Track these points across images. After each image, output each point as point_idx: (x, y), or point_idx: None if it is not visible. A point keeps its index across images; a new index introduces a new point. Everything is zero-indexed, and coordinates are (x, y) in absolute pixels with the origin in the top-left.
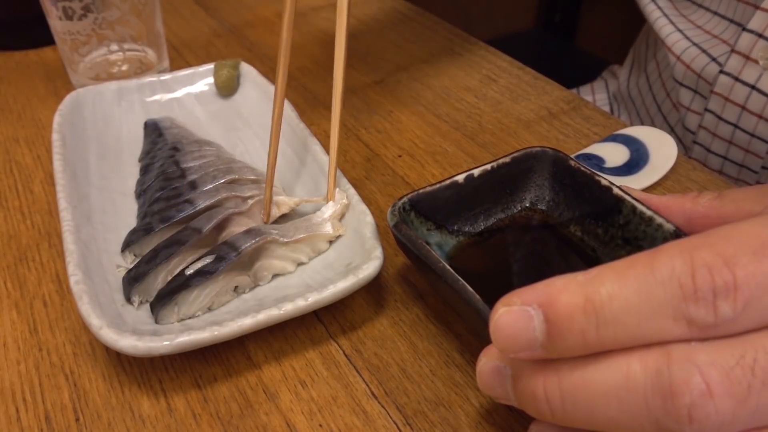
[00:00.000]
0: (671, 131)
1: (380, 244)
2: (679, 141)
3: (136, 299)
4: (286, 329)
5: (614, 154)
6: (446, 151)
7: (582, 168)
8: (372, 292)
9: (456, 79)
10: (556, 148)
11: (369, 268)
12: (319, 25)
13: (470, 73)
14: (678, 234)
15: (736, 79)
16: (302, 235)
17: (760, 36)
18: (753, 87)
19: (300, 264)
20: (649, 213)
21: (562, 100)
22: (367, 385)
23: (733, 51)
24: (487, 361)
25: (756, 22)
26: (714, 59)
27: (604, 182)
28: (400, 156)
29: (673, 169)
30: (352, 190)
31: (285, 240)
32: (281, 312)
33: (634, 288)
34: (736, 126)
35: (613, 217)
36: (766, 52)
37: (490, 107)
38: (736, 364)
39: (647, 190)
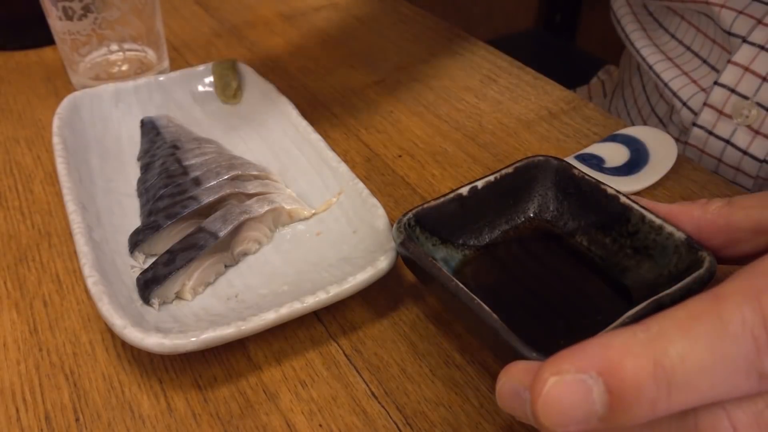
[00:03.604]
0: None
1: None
2: (676, 140)
3: (155, 302)
4: (286, 329)
5: (614, 154)
6: (446, 151)
7: (586, 177)
8: (372, 292)
9: (456, 79)
10: (557, 147)
11: (387, 260)
12: (319, 25)
13: (470, 73)
14: (690, 243)
15: (710, 133)
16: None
17: (732, 91)
18: (728, 142)
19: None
20: (658, 221)
21: (562, 100)
22: (367, 385)
23: (705, 104)
24: (507, 381)
25: (727, 76)
26: (684, 104)
27: (610, 191)
28: (400, 156)
29: (673, 169)
30: (361, 185)
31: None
32: (304, 305)
33: (706, 345)
34: (720, 161)
35: (621, 226)
36: (739, 108)
37: (490, 107)
38: None
39: (647, 190)
